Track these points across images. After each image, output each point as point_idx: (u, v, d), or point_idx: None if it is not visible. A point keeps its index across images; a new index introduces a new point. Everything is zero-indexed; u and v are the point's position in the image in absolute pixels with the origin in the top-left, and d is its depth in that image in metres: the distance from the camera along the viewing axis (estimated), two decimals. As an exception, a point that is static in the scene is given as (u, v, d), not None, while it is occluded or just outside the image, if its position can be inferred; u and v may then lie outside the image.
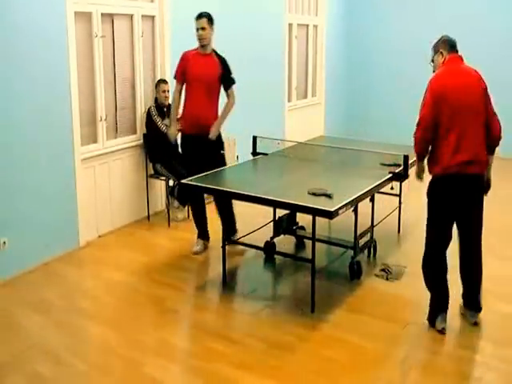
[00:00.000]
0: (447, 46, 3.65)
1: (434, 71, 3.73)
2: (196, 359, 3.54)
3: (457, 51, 3.67)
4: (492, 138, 3.64)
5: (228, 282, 4.50)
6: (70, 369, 3.41)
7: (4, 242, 4.52)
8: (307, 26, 9.06)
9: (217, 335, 3.79)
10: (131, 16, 5.73)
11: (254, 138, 5.28)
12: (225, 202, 4.99)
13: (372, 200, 4.65)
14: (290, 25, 8.48)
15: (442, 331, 3.71)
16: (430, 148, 3.63)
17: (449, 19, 9.06)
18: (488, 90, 3.63)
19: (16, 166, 4.59)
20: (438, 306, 3.76)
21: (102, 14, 5.35)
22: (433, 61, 3.76)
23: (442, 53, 3.66)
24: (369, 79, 10.07)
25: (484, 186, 3.68)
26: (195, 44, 5.10)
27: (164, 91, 5.83)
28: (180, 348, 3.71)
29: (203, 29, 4.93)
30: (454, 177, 3.52)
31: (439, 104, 3.47)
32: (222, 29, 6.82)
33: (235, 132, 6.76)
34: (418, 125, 3.58)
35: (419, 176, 3.83)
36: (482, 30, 8.76)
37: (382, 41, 9.89)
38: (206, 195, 5.19)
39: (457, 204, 3.61)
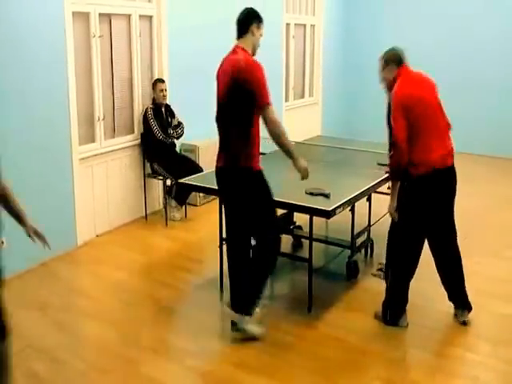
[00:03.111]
0: (395, 60, 3.70)
1: (386, 86, 3.76)
2: (194, 358, 3.55)
3: (403, 62, 3.71)
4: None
5: (225, 281, 4.49)
6: (67, 368, 3.42)
7: (2, 242, 4.52)
8: (304, 25, 9.09)
9: (214, 334, 3.81)
10: (129, 16, 5.74)
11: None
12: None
13: (369, 200, 4.67)
14: (288, 25, 8.50)
15: (407, 326, 3.82)
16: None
17: (444, 20, 9.13)
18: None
19: (14, 165, 4.59)
20: (401, 306, 3.84)
21: (100, 14, 5.36)
22: (383, 78, 3.78)
23: (392, 68, 3.69)
24: (366, 79, 10.04)
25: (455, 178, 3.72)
26: (193, 44, 5.09)
27: (161, 90, 5.84)
28: (178, 347, 3.72)
29: None
30: (438, 171, 3.54)
31: (408, 116, 3.49)
32: (219, 29, 6.84)
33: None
34: (394, 146, 3.54)
35: (394, 210, 3.82)
36: (477, 30, 8.79)
37: (379, 41, 9.84)
38: (203, 195, 5.17)
39: (440, 200, 3.65)
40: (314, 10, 9.26)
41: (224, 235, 4.10)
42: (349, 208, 4.17)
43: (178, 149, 6.24)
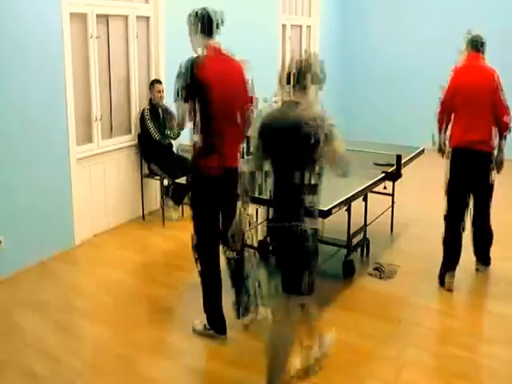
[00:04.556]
0: (471, 45, 4.34)
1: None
2: (191, 357, 3.57)
3: (478, 50, 4.33)
4: (500, 126, 4.27)
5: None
6: (66, 367, 3.44)
7: (0, 241, 4.54)
8: (300, 26, 9.12)
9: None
10: (126, 17, 5.76)
11: (248, 138, 5.30)
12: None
13: (365, 199, 4.69)
14: (284, 26, 8.53)
15: (450, 289, 4.30)
16: (448, 125, 4.48)
17: (443, 19, 9.16)
18: (500, 86, 4.23)
19: (12, 165, 4.61)
20: (448, 264, 4.37)
21: (97, 15, 5.38)
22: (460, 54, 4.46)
23: (467, 49, 4.37)
24: (362, 79, 10.12)
25: (490, 161, 4.32)
26: (190, 44, 5.12)
27: (159, 91, 5.85)
28: (175, 346, 3.74)
29: None
30: (464, 150, 4.25)
31: (454, 95, 4.30)
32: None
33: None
34: (440, 105, 4.46)
35: (439, 150, 4.59)
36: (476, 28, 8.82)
37: (375, 42, 9.95)
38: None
39: (468, 173, 4.30)
40: (309, 11, 9.30)
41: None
42: (345, 208, 4.19)
43: (174, 149, 6.26)
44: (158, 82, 5.92)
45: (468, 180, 4.32)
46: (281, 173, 2.95)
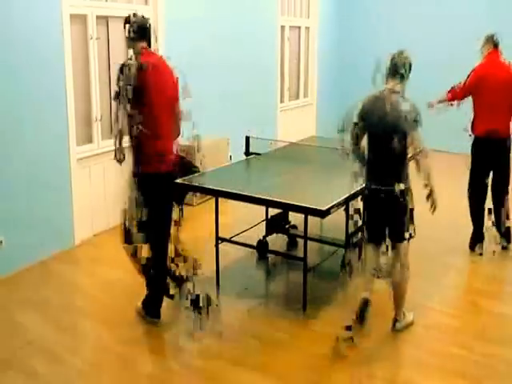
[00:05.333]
0: (491, 43, 4.90)
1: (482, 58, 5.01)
2: (190, 356, 3.60)
3: (497, 47, 4.91)
4: None
5: (221, 280, 4.55)
6: (66, 366, 3.46)
7: (1, 241, 4.57)
8: (299, 28, 9.16)
9: (211, 332, 3.85)
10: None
11: (247, 139, 5.35)
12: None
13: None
14: (283, 27, 8.57)
15: (481, 253, 4.98)
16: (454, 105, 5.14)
17: (438, 21, 9.20)
18: None
19: (12, 165, 4.64)
20: (476, 236, 5.04)
21: (97, 17, 5.41)
22: (481, 52, 5.02)
23: (488, 47, 4.91)
24: (359, 80, 10.04)
25: (509, 147, 4.91)
26: (189, 45, 5.14)
27: None
28: (175, 345, 3.76)
29: None
30: (485, 139, 4.84)
31: (478, 84, 4.85)
32: (215, 31, 6.91)
33: (228, 132, 6.85)
34: (461, 87, 5.01)
35: (431, 106, 5.20)
36: (471, 30, 8.85)
37: (373, 42, 9.96)
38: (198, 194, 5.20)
39: (488, 158, 4.90)
40: (308, 13, 9.34)
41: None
42: (343, 207, 4.22)
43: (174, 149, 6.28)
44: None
45: (489, 164, 4.94)
46: (381, 146, 3.55)
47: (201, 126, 6.89)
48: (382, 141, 3.52)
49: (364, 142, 3.66)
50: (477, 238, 5.06)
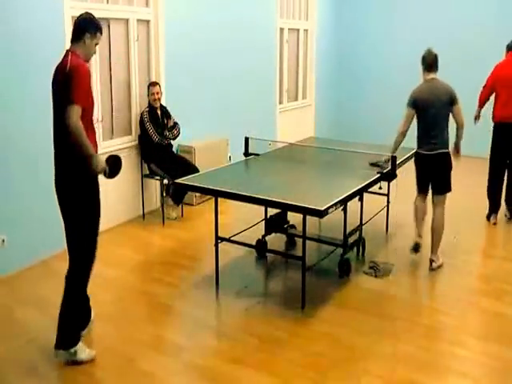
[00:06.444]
0: (509, 47, 5.91)
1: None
2: (190, 354, 3.62)
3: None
4: None
5: (221, 279, 4.58)
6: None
7: (3, 240, 4.61)
8: (298, 30, 9.21)
9: (210, 331, 3.90)
10: (127, 20, 5.85)
11: (247, 139, 5.39)
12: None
13: (361, 199, 4.75)
14: (282, 29, 8.62)
15: (495, 223, 5.88)
16: (485, 103, 6.05)
17: (437, 20, 9.24)
18: None
19: (14, 165, 4.68)
20: (492, 208, 5.94)
21: (99, 19, 5.44)
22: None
23: (507, 50, 5.92)
24: (358, 82, 10.20)
25: None
26: (189, 47, 5.18)
27: (153, 94, 5.91)
28: (175, 343, 3.79)
29: None
30: (503, 124, 5.83)
31: (496, 81, 5.89)
32: (215, 34, 6.96)
33: (228, 133, 6.90)
34: (483, 89, 6.05)
35: (475, 119, 6.09)
36: (471, 30, 8.92)
37: (371, 45, 10.04)
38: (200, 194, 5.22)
39: (506, 141, 5.81)
40: (307, 15, 9.39)
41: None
42: (341, 207, 4.26)
43: (174, 149, 6.34)
44: (154, 84, 5.98)
45: (508, 146, 5.80)
46: (434, 121, 4.65)
47: (200, 128, 6.99)
48: (437, 114, 4.61)
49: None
50: (493, 210, 5.94)
